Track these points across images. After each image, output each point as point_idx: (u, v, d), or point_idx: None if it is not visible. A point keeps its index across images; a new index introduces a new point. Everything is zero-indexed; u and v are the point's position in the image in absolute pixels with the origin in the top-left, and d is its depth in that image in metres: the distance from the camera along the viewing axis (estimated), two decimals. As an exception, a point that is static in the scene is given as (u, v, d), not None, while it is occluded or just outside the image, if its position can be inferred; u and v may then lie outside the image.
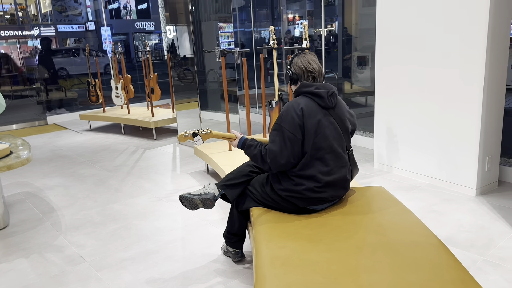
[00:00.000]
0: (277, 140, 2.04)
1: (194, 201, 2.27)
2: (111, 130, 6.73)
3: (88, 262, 2.66)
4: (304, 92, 2.12)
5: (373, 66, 5.12)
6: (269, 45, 3.78)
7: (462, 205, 3.14)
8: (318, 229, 1.93)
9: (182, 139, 2.30)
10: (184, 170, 4.40)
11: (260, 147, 2.11)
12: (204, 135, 2.29)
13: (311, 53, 2.23)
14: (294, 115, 2.03)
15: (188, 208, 2.30)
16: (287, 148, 2.02)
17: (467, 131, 3.22)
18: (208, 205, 2.27)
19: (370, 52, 5.22)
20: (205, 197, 2.26)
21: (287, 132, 2.03)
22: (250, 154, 2.14)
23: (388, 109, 3.84)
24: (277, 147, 2.03)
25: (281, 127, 2.05)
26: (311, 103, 2.08)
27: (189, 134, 2.29)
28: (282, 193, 2.09)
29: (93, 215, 3.40)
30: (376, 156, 4.06)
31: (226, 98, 4.17)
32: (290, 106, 2.07)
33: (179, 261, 2.60)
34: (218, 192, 2.30)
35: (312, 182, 2.03)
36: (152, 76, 6.36)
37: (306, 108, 2.05)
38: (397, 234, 1.85)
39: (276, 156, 2.03)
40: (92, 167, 4.72)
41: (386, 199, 2.23)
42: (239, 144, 2.21)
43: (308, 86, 2.11)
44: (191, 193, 2.29)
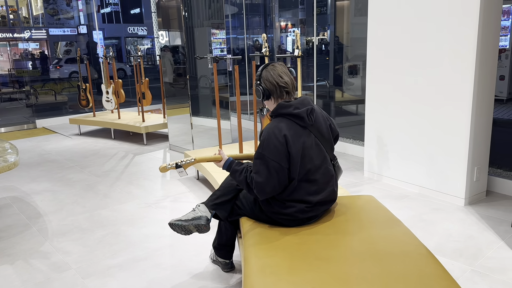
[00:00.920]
0: (262, 170, 1.93)
1: (187, 227, 2.19)
2: (101, 134, 6.67)
3: (75, 269, 2.61)
4: (283, 114, 2.01)
5: (364, 74, 5.15)
6: (261, 53, 3.78)
7: (451, 214, 3.16)
8: (308, 238, 1.92)
9: (163, 170, 2.19)
10: (174, 176, 4.37)
11: (246, 173, 2.02)
12: (187, 165, 2.20)
13: (280, 64, 2.11)
14: (277, 144, 1.92)
15: (181, 234, 2.22)
16: (273, 178, 1.93)
17: (456, 141, 3.24)
18: (203, 230, 2.20)
19: (361, 61, 5.25)
20: (198, 222, 2.18)
21: (272, 162, 1.92)
22: (236, 179, 2.07)
23: (378, 118, 3.86)
24: (263, 178, 1.93)
25: (264, 156, 1.93)
26: (292, 125, 1.98)
27: (172, 165, 2.20)
28: (272, 216, 2.05)
29: (81, 221, 3.35)
30: (366, 165, 4.08)
31: (218, 105, 4.16)
32: (271, 133, 1.94)
33: (167, 269, 2.57)
34: (210, 214, 2.23)
35: (302, 204, 2.00)
36: (144, 81, 6.33)
37: (289, 134, 1.94)
38: (387, 243, 1.85)
39: (262, 187, 1.94)
40: (81, 172, 4.67)
41: (376, 208, 2.23)
42: (225, 167, 2.13)
43: (286, 107, 1.99)
44: (181, 219, 2.19)
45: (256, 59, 3.82)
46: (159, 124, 5.87)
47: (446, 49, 3.20)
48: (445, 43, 3.20)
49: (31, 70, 9.19)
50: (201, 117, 6.57)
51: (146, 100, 6.38)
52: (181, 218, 2.21)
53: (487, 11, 3.03)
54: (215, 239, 2.46)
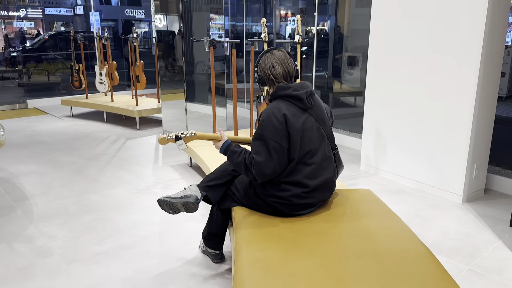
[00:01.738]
0: (262, 151, 1.89)
1: (175, 205, 2.13)
2: (93, 117, 6.54)
3: (59, 255, 2.52)
4: (282, 96, 1.98)
5: (364, 66, 5.06)
6: (260, 38, 3.67)
7: (448, 211, 3.09)
8: (302, 232, 1.83)
9: (163, 142, 2.15)
10: (166, 163, 4.27)
11: (245, 155, 1.96)
12: (187, 138, 2.14)
13: (281, 51, 2.05)
14: (276, 123, 1.88)
15: (168, 212, 2.16)
16: (273, 159, 1.88)
17: (457, 137, 3.17)
18: (191, 208, 2.14)
19: (361, 53, 5.15)
20: (187, 200, 2.12)
21: (271, 141, 1.88)
22: (233, 161, 2.00)
23: (377, 111, 3.77)
24: (263, 158, 1.88)
25: (263, 137, 1.89)
26: (291, 107, 1.95)
27: (172, 137, 2.15)
28: (266, 199, 1.98)
29: (68, 205, 3.25)
30: (363, 158, 3.99)
31: (213, 91, 4.05)
32: (270, 113, 1.91)
33: (155, 257, 2.48)
34: (201, 194, 2.17)
35: (298, 188, 1.93)
36: (138, 64, 6.19)
37: (288, 114, 1.91)
38: (384, 240, 1.77)
39: (262, 167, 1.88)
40: (71, 154, 4.55)
41: (373, 203, 2.15)
42: (222, 148, 2.06)
43: (285, 89, 1.97)
44: (171, 196, 2.15)
45: (254, 44, 3.70)
46: (153, 109, 5.75)
47: (451, 42, 3.10)
48: (450, 36, 3.10)
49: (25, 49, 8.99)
50: (196, 103, 6.45)
51: (140, 84, 6.24)
52: (171, 196, 2.17)
53: (496, 6, 2.92)
54: (204, 228, 2.37)
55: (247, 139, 2.25)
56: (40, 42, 9.34)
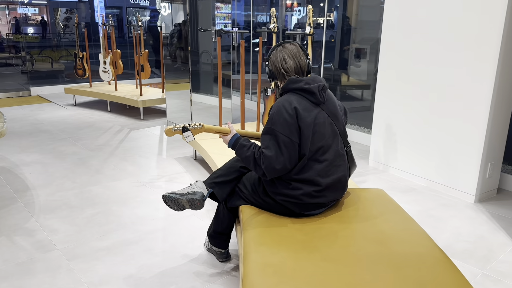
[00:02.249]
0: (272, 145, 1.82)
1: (180, 201, 2.05)
2: (97, 106, 6.45)
3: (60, 250, 2.45)
4: (293, 89, 1.90)
5: (371, 59, 4.94)
6: (269, 29, 3.55)
7: (460, 211, 3.00)
8: (314, 234, 1.75)
9: (170, 134, 2.07)
10: (170, 155, 4.19)
11: (254, 149, 1.88)
12: (195, 130, 2.06)
13: (293, 44, 1.97)
14: (286, 116, 1.81)
15: (173, 209, 2.08)
16: (283, 154, 1.81)
17: (471, 135, 3.06)
18: (196, 206, 2.06)
19: (369, 45, 5.04)
20: (192, 197, 2.05)
21: (282, 136, 1.81)
22: (241, 155, 1.91)
23: (388, 106, 3.66)
24: (272, 152, 1.81)
25: (273, 131, 1.82)
26: (303, 100, 1.87)
27: (179, 128, 2.06)
28: (276, 197, 1.90)
29: (70, 197, 3.18)
30: (372, 154, 3.90)
31: (220, 82, 3.95)
32: (280, 106, 1.84)
33: (158, 255, 2.41)
34: (207, 191, 2.09)
35: (310, 186, 1.85)
36: (143, 53, 6.08)
37: (299, 108, 1.83)
38: (399, 244, 1.69)
39: (271, 162, 1.81)
40: (74, 144, 4.48)
41: (386, 203, 2.07)
42: (231, 142, 1.97)
43: (296, 82, 1.89)
44: (176, 192, 2.07)
45: (263, 35, 3.59)
46: (157, 99, 5.66)
47: (468, 33, 2.99)
48: (467, 27, 2.98)
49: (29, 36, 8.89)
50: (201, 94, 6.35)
51: (144, 73, 6.14)
52: (176, 192, 2.09)
53: (517, -3, 2.80)
54: (210, 226, 2.30)
55: (256, 134, 2.16)
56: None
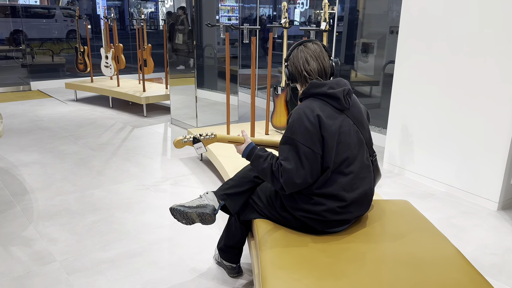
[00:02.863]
0: (291, 157, 1.64)
1: (189, 215, 1.88)
2: (98, 102, 6.28)
3: (59, 262, 2.29)
4: (315, 94, 1.71)
5: (379, 54, 4.76)
6: (280, 24, 3.36)
7: (483, 220, 2.83)
8: (339, 256, 1.58)
9: (179, 145, 1.89)
10: (175, 155, 4.02)
11: (271, 160, 1.70)
12: (207, 141, 1.88)
13: (315, 43, 1.78)
14: (308, 125, 1.63)
15: (182, 222, 1.91)
16: (304, 166, 1.63)
17: (495, 137, 2.88)
18: (207, 220, 1.89)
19: (376, 39, 4.85)
20: (202, 211, 1.87)
21: (303, 146, 1.63)
22: (257, 167, 1.73)
23: (405, 105, 3.48)
24: (292, 165, 1.63)
25: (293, 141, 1.64)
26: (326, 107, 1.68)
27: (189, 139, 1.87)
28: (295, 213, 1.72)
29: (71, 201, 3.02)
30: (387, 156, 3.72)
31: (228, 78, 3.76)
32: (301, 114, 1.65)
33: (164, 268, 2.25)
34: (218, 204, 1.91)
35: (334, 201, 1.67)
36: (146, 47, 5.89)
37: (322, 115, 1.65)
38: (434, 269, 1.52)
39: (291, 176, 1.62)
40: (75, 143, 4.31)
41: (414, 218, 1.90)
42: (245, 152, 1.79)
43: (319, 86, 1.70)
44: (184, 205, 1.90)
45: (274, 31, 3.40)
46: (161, 96, 5.48)
47: (499, 26, 2.79)
48: (499, 19, 2.79)
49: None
50: (205, 90, 6.17)
51: (147, 68, 5.96)
52: (185, 204, 1.92)
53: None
54: (221, 239, 2.13)
55: (273, 142, 1.98)
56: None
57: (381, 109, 4.94)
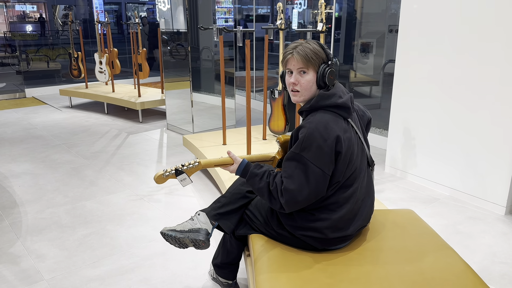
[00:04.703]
0: (297, 175, 1.47)
1: (182, 240, 1.74)
2: (93, 108, 6.17)
3: (47, 281, 2.18)
4: (326, 106, 1.54)
5: (378, 53, 4.65)
6: (275, 25, 3.25)
7: (490, 226, 2.71)
8: (341, 276, 1.46)
9: (161, 181, 1.67)
10: (171, 162, 3.90)
11: (268, 178, 1.56)
12: (190, 170, 1.66)
13: (314, 43, 1.58)
14: (322, 144, 1.45)
15: (175, 246, 1.79)
16: (310, 185, 1.47)
17: (502, 139, 2.76)
18: (201, 246, 1.74)
19: (375, 38, 4.75)
20: (195, 237, 1.71)
21: (313, 166, 1.46)
22: (253, 186, 1.58)
23: (406, 107, 3.36)
24: (296, 184, 1.47)
25: (302, 159, 1.47)
26: (339, 119, 1.52)
27: (171, 173, 1.64)
28: (295, 232, 1.60)
29: (61, 214, 2.90)
30: (388, 159, 3.60)
31: (223, 81, 3.65)
32: (314, 130, 1.46)
33: (157, 286, 2.13)
34: (212, 226, 1.77)
35: (335, 215, 1.55)
36: (141, 51, 5.78)
37: (340, 133, 1.48)
38: (444, 288, 1.40)
39: (293, 196, 1.48)
40: (68, 152, 4.20)
41: (420, 231, 1.78)
42: (239, 171, 1.63)
43: (329, 97, 1.53)
44: (176, 229, 1.75)
45: (269, 32, 3.29)
46: (156, 101, 5.36)
47: (499, 25, 2.68)
48: (498, 19, 2.67)
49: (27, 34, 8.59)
50: (202, 93, 6.05)
51: (143, 73, 5.85)
52: (176, 228, 1.76)
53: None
54: (216, 255, 2.01)
55: (264, 156, 1.80)
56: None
57: (381, 110, 4.82)
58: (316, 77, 1.55)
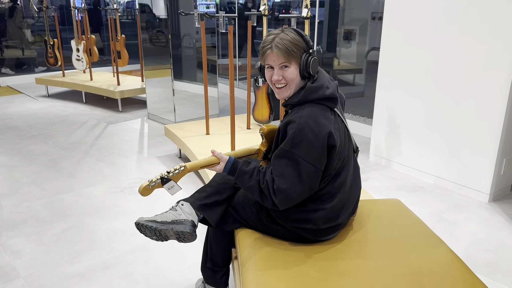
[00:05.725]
0: (288, 174, 1.41)
1: (163, 232, 1.56)
2: (71, 97, 5.99)
3: (24, 278, 2.09)
4: (315, 99, 1.47)
5: (361, 41, 4.61)
6: (258, 11, 3.17)
7: (474, 213, 2.73)
8: (330, 270, 1.43)
9: (147, 193, 1.54)
10: (152, 153, 3.81)
11: (258, 176, 1.47)
12: (177, 176, 1.54)
13: (292, 32, 1.48)
14: (313, 140, 1.39)
15: (152, 239, 1.62)
16: (303, 183, 1.42)
17: (486, 128, 2.77)
18: (187, 239, 1.60)
19: (358, 26, 4.71)
20: (181, 229, 1.55)
21: (304, 163, 1.40)
22: (243, 185, 1.50)
23: (391, 95, 3.34)
24: (288, 183, 1.41)
25: (293, 156, 1.40)
26: (327, 113, 1.46)
27: (157, 182, 1.52)
28: (287, 224, 1.54)
29: (39, 208, 2.80)
30: (372, 147, 3.59)
31: (205, 70, 3.56)
32: (304, 126, 1.40)
33: (139, 281, 2.07)
34: (197, 217, 1.64)
35: (328, 205, 1.51)
36: (120, 38, 5.61)
37: (332, 128, 1.43)
38: (435, 282, 1.38)
39: (287, 195, 1.42)
40: (45, 142, 4.06)
41: (407, 220, 1.76)
42: (226, 170, 1.52)
43: (317, 90, 1.46)
44: (156, 219, 1.56)
45: (252, 19, 3.21)
46: (136, 89, 5.23)
47: (487, 15, 2.66)
48: (487, 7, 2.65)
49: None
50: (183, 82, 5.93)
51: (122, 60, 5.69)
52: (156, 219, 1.57)
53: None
54: (203, 261, 1.85)
55: (249, 150, 1.72)
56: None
57: (365, 98, 4.81)
58: (300, 69, 1.48)
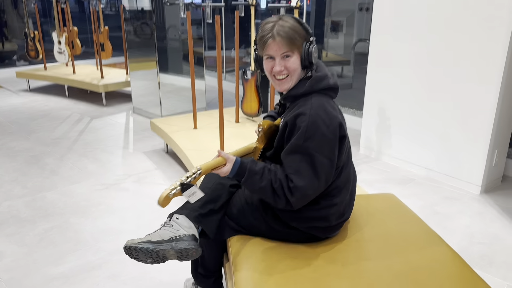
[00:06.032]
0: (303, 170, 1.33)
1: (162, 253, 1.36)
2: (53, 91, 5.82)
3: (4, 282, 1.99)
4: (321, 89, 1.40)
5: (348, 32, 4.56)
6: (246, 1, 3.08)
7: (466, 206, 2.70)
8: (327, 269, 1.37)
9: (166, 202, 1.33)
10: (138, 148, 3.71)
11: (269, 175, 1.36)
12: (195, 181, 1.37)
13: (290, 18, 1.40)
14: (326, 132, 1.33)
15: (146, 263, 1.39)
16: (319, 178, 1.34)
17: (477, 119, 2.74)
18: (191, 256, 1.39)
19: (345, 17, 4.66)
20: (183, 246, 1.37)
21: (320, 156, 1.33)
22: (254, 186, 1.37)
23: (381, 87, 3.29)
24: (306, 180, 1.32)
25: (307, 150, 1.32)
26: (333, 103, 1.43)
27: (177, 189, 1.34)
28: (301, 225, 1.45)
29: (20, 207, 2.69)
30: (363, 140, 3.55)
31: (192, 62, 3.46)
32: (315, 117, 1.32)
33: (126, 283, 1.99)
34: (197, 230, 1.47)
35: (338, 199, 1.46)
36: (103, 30, 5.46)
37: (340, 118, 1.39)
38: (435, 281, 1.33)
39: (305, 193, 1.34)
40: (26, 138, 3.92)
41: (402, 215, 1.71)
42: (234, 171, 1.38)
43: (322, 79, 1.40)
44: (151, 240, 1.36)
45: (239, 9, 3.12)
46: (121, 83, 5.10)
47: (478, 8, 2.61)
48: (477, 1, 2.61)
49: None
50: (169, 74, 5.81)
51: (105, 53, 5.54)
52: (151, 239, 1.37)
53: (533, -40, 2.43)
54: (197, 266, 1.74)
55: (249, 149, 1.57)
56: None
57: (353, 90, 4.76)
58: (301, 58, 1.40)
